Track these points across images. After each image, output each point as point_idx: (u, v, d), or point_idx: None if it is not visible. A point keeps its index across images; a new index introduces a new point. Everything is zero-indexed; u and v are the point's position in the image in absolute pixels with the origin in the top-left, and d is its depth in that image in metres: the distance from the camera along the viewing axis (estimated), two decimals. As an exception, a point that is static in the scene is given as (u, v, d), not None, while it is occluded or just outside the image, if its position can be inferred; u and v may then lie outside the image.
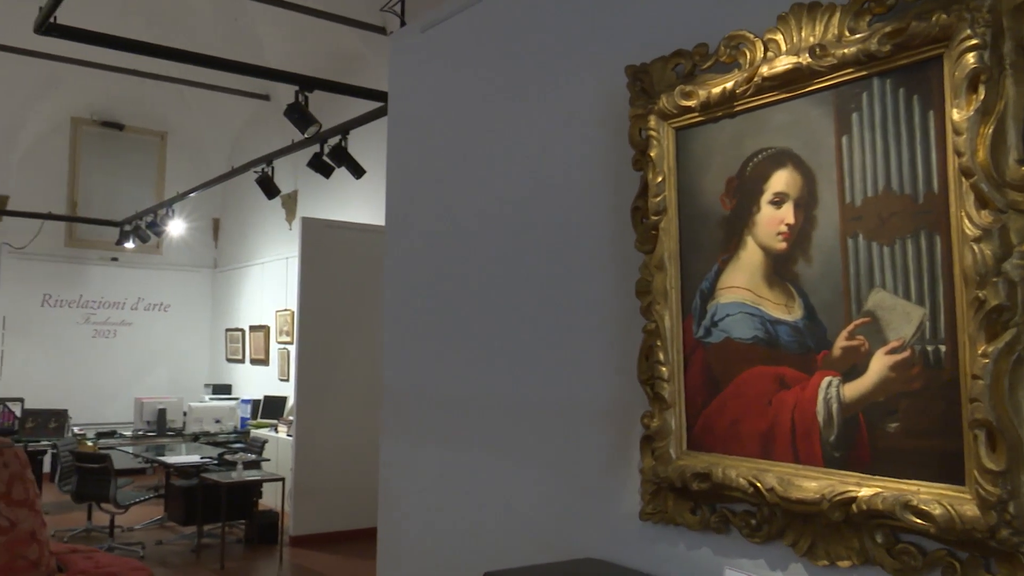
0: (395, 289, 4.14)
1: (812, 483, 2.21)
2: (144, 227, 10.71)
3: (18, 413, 10.60)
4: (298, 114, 6.21)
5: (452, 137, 3.81)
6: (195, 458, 7.96)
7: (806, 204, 2.30)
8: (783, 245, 2.36)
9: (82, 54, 9.12)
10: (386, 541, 4.04)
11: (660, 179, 2.65)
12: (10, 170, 11.55)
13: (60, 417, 9.59)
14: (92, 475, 7.40)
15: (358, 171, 7.20)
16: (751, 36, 2.42)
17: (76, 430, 9.70)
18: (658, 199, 2.65)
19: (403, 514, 3.92)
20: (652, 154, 2.66)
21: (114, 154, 12.56)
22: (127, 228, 11.11)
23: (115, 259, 12.42)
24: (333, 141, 7.05)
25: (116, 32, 5.70)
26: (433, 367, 3.78)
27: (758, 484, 2.31)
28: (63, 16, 5.18)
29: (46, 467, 10.40)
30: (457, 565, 3.43)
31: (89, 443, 8.94)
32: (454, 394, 3.61)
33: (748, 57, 2.43)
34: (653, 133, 2.66)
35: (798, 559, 2.27)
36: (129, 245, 11.40)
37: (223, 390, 11.81)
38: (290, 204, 10.94)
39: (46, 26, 4.97)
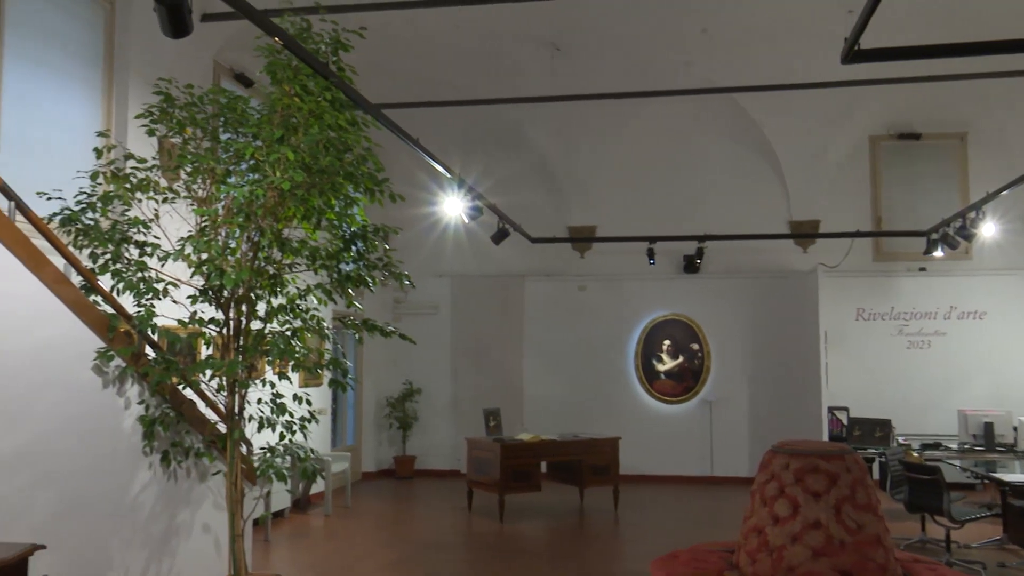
0: None
1: None
2: (952, 233, 10.36)
3: (844, 421, 11.35)
4: None
5: None
6: (1032, 477, 7.29)
7: None
8: None
9: (877, 73, 9.36)
10: None
11: None
12: (818, 196, 12.61)
13: (884, 427, 9.89)
14: (922, 486, 7.41)
15: None
16: None
17: (900, 440, 9.87)
18: None
19: None
20: None
21: (912, 164, 12.65)
22: (934, 236, 10.90)
23: (923, 269, 12.40)
24: None
25: (907, 43, 5.66)
26: None
27: None
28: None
29: (874, 474, 10.87)
30: None
31: (915, 453, 8.99)
32: None
33: None
34: None
35: None
36: (937, 254, 11.16)
37: (1056, 404, 10.60)
38: (1125, 186, 9.28)
39: (851, 55, 5.22)
